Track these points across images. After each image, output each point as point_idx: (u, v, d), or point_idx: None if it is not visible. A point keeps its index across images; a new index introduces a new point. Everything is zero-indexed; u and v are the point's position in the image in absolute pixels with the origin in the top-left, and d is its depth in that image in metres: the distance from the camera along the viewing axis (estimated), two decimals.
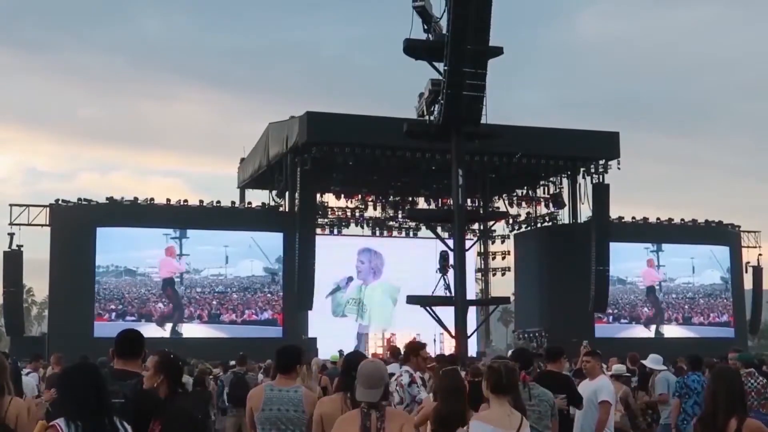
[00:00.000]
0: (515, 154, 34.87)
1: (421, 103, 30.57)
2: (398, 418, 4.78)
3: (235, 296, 35.75)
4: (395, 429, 4.65)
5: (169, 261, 35.08)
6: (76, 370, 4.48)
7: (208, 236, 35.52)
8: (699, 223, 41.48)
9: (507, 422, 4.99)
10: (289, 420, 5.94)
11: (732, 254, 42.05)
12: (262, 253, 36.05)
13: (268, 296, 36.23)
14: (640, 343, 33.98)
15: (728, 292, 41.73)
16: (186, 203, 35.65)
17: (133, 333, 5.33)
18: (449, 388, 6.36)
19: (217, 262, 35.71)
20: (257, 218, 36.22)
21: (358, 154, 33.51)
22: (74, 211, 34.46)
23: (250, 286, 36.14)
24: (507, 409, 5.04)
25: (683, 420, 9.90)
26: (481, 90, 27.91)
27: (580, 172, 38.53)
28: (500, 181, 38.68)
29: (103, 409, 4.26)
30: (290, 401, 6.00)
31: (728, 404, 4.93)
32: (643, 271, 40.45)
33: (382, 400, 4.77)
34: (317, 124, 33.32)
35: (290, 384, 6.17)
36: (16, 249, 34.88)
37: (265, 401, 5.98)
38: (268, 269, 36.41)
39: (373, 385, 4.76)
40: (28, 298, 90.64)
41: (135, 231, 34.31)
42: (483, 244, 45.71)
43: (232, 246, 35.84)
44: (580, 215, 39.64)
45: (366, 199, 41.54)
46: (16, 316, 36.48)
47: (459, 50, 27.03)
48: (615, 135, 37.16)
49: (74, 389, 4.29)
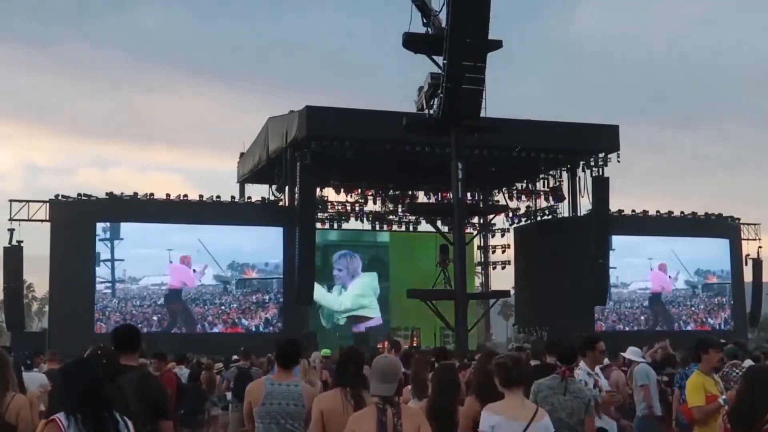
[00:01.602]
0: (515, 147, 34.86)
1: (420, 96, 30.59)
2: (415, 417, 4.76)
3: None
4: (412, 427, 4.65)
5: (183, 270, 34.52)
6: (76, 365, 4.49)
7: (147, 236, 34.08)
8: (699, 216, 41.45)
9: (519, 413, 5.01)
10: (288, 414, 5.95)
11: (732, 247, 42.04)
12: (211, 258, 34.51)
13: (220, 309, 34.95)
14: (640, 335, 33.98)
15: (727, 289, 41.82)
16: (186, 198, 35.62)
17: (129, 328, 5.38)
18: (444, 382, 6.45)
19: (158, 269, 34.31)
20: (257, 213, 36.20)
21: (357, 149, 33.49)
22: (74, 207, 34.45)
23: (198, 298, 34.82)
24: (519, 401, 5.07)
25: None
26: (481, 83, 27.92)
27: (579, 165, 38.52)
28: (500, 174, 38.67)
29: (103, 403, 4.27)
30: (290, 395, 6.01)
31: (766, 399, 4.94)
32: (652, 275, 40.14)
33: (396, 395, 4.80)
34: (317, 118, 33.30)
35: (290, 378, 6.19)
36: (16, 245, 34.89)
37: (266, 395, 5.99)
38: (220, 277, 35.15)
39: (388, 379, 4.78)
40: (29, 294, 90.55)
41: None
42: (483, 237, 45.74)
43: (178, 249, 34.45)
44: (579, 208, 39.68)
45: (366, 193, 41.53)
46: (16, 312, 36.50)
47: (458, 44, 27.02)
48: (615, 128, 37.13)
49: (74, 384, 4.30)
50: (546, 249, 39.56)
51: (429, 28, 29.75)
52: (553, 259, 38.38)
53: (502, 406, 5.14)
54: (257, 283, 35.82)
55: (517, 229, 43.93)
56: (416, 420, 4.74)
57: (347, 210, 41.90)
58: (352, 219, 42.20)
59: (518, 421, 4.98)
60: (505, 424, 4.97)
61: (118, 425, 4.29)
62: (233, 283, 35.38)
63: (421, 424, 4.74)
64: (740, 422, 4.93)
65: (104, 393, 4.33)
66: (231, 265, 35.32)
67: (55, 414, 4.25)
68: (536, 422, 5.01)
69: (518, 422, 4.98)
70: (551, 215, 41.64)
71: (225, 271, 35.17)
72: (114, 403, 4.37)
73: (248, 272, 35.65)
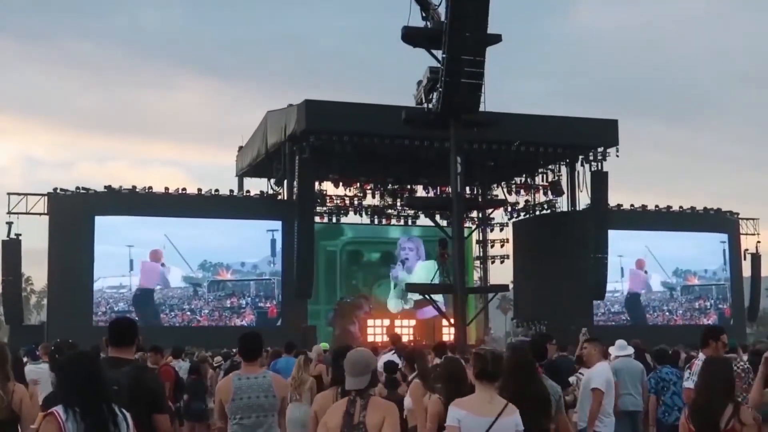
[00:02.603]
0: (514, 141, 34.83)
1: (419, 90, 30.51)
2: (382, 409, 4.70)
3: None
4: (376, 419, 4.61)
5: (153, 267, 33.56)
6: (73, 359, 4.48)
7: (112, 233, 33.18)
8: (697, 211, 41.46)
9: (486, 408, 4.92)
10: (260, 406, 5.96)
11: (730, 242, 42.04)
12: (181, 258, 33.50)
13: (188, 315, 33.95)
14: (640, 329, 34.00)
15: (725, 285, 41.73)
16: (184, 192, 35.62)
17: (126, 321, 5.38)
18: (452, 376, 6.44)
19: (119, 269, 33.33)
20: (256, 207, 36.19)
21: (356, 143, 33.46)
22: (72, 200, 34.45)
23: (165, 302, 33.91)
24: (489, 396, 4.98)
25: (664, 412, 9.96)
26: (480, 78, 27.84)
27: (578, 159, 38.49)
28: (499, 169, 38.63)
29: (101, 396, 4.27)
30: (260, 387, 6.02)
31: (724, 392, 4.94)
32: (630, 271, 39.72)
33: (370, 387, 4.76)
34: (315, 112, 33.25)
35: (257, 371, 6.20)
36: (14, 238, 34.90)
37: (236, 391, 5.99)
38: (189, 278, 34.16)
39: (357, 373, 4.77)
40: (27, 287, 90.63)
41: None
42: (482, 232, 45.73)
43: (139, 246, 33.39)
44: (578, 203, 39.65)
45: (364, 187, 41.50)
46: (14, 305, 36.53)
47: (457, 38, 26.94)
48: (614, 123, 37.09)
49: (72, 378, 4.30)
50: (545, 243, 39.55)
51: (428, 22, 29.66)
52: (552, 253, 38.37)
53: (468, 401, 5.07)
54: (231, 285, 34.90)
55: (516, 223, 43.92)
56: (382, 413, 4.67)
57: (346, 204, 41.87)
58: (351, 213, 42.19)
59: (484, 417, 4.88)
60: (471, 419, 4.89)
61: (117, 418, 4.29)
62: (205, 286, 34.40)
63: (387, 416, 4.67)
64: (700, 417, 4.91)
65: (101, 386, 4.31)
66: (202, 265, 34.41)
67: (53, 407, 4.25)
68: (504, 418, 4.90)
69: (484, 418, 4.88)
70: (550, 210, 41.64)
71: (196, 271, 34.30)
72: (112, 397, 4.37)
73: (222, 273, 34.76)
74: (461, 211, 30.52)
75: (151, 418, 5.02)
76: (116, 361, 5.10)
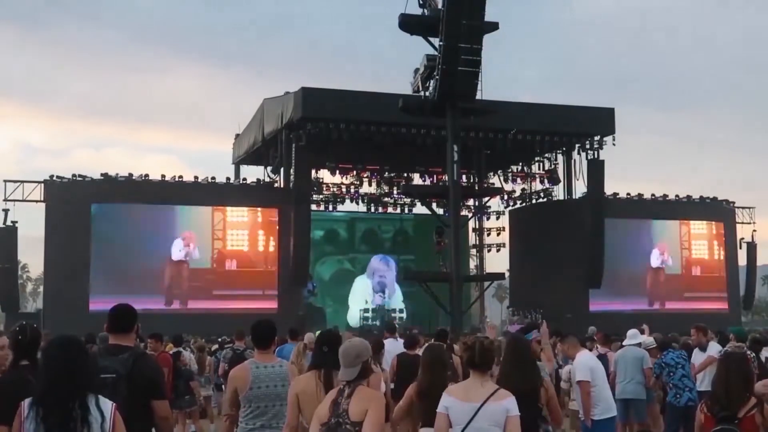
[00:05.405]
0: (510, 130, 34.81)
1: (416, 78, 30.52)
2: (367, 400, 4.65)
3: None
4: (358, 408, 4.59)
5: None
6: (53, 346, 4.09)
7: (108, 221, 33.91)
8: (694, 199, 41.54)
9: (474, 394, 4.94)
10: (277, 396, 5.94)
11: (726, 230, 42.12)
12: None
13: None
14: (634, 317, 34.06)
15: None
16: (181, 179, 35.58)
17: (125, 307, 5.33)
18: (430, 362, 6.60)
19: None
20: (252, 194, 36.18)
21: (353, 130, 33.42)
22: (69, 187, 34.40)
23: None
24: (479, 382, 5.01)
25: (675, 395, 9.95)
26: (477, 65, 27.84)
27: (575, 148, 38.50)
28: (495, 157, 38.63)
29: (79, 388, 3.92)
30: (278, 376, 6.00)
31: (743, 385, 4.98)
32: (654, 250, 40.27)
33: (361, 377, 4.75)
34: (312, 100, 33.19)
35: (272, 359, 6.17)
36: (10, 225, 34.88)
37: (254, 380, 5.95)
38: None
39: (348, 363, 4.75)
40: (23, 275, 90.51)
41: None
42: (478, 220, 45.77)
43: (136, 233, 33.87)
44: (575, 191, 39.72)
45: (361, 175, 41.50)
46: (11, 293, 36.49)
47: (454, 25, 26.93)
48: (610, 111, 37.08)
49: (48, 368, 3.99)
50: (541, 231, 39.59)
51: (425, 10, 29.63)
52: (548, 241, 38.42)
53: (458, 387, 5.14)
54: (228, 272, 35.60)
55: (512, 211, 43.96)
56: (366, 403, 4.62)
57: (342, 192, 41.86)
58: (348, 201, 42.19)
59: (471, 402, 4.91)
60: (457, 405, 4.95)
61: (89, 415, 3.89)
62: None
63: (371, 407, 4.61)
64: (718, 409, 4.95)
65: (81, 376, 3.95)
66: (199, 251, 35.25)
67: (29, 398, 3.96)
68: (492, 402, 4.91)
69: (471, 403, 4.90)
70: (546, 198, 41.68)
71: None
72: (96, 387, 4.09)
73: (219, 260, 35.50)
74: (458, 199, 30.58)
75: (150, 403, 5.02)
76: (115, 349, 5.09)
